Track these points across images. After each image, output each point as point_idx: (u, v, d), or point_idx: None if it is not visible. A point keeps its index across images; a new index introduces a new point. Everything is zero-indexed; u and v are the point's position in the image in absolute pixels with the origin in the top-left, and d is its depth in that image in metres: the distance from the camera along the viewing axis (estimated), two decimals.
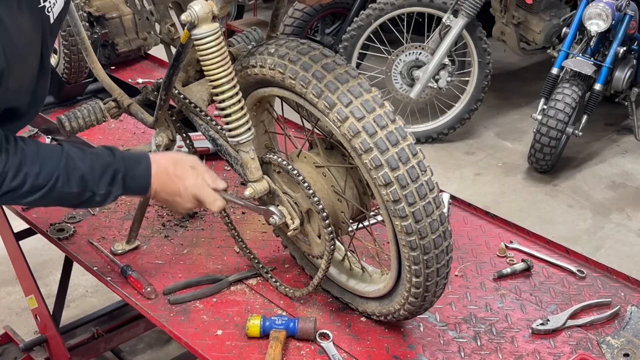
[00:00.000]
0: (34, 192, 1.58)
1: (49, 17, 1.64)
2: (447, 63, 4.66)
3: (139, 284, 1.91)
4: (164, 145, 1.97)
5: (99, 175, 1.63)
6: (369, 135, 1.51)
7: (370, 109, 1.53)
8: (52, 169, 1.58)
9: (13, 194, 1.57)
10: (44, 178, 1.57)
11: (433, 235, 1.55)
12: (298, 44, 1.63)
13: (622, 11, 4.42)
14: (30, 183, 1.56)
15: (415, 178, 1.52)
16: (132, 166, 1.68)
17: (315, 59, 1.58)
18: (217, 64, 1.59)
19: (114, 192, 1.66)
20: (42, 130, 2.56)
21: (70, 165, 1.60)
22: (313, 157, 1.75)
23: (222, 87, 1.62)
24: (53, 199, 1.63)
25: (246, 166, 1.72)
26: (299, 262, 2.00)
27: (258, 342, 1.74)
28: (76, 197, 1.63)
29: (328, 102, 1.53)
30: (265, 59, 1.64)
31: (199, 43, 1.57)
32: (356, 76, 1.57)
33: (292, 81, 1.58)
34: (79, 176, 1.61)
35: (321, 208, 1.69)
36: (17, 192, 1.57)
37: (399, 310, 1.71)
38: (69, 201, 1.66)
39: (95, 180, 1.63)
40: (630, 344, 1.78)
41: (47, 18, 1.64)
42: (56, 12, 1.67)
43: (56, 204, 1.70)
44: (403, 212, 1.52)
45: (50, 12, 1.65)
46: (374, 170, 1.51)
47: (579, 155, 4.88)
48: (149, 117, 2.00)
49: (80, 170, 1.61)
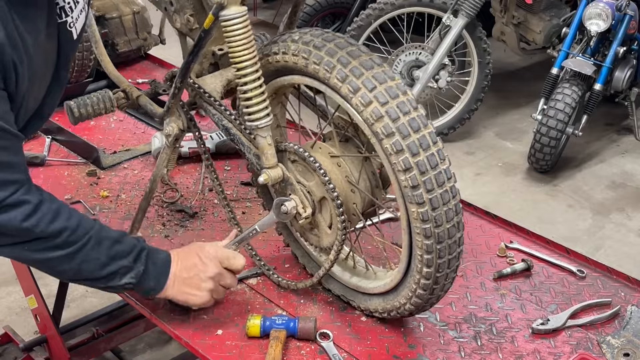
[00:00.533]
0: (65, 246, 1.54)
1: (71, 32, 1.64)
2: (447, 63, 4.66)
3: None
4: (174, 135, 1.96)
5: (125, 252, 1.62)
6: (391, 120, 1.52)
7: (394, 95, 1.54)
8: (87, 228, 1.57)
9: (45, 242, 1.52)
10: (78, 236, 1.55)
11: (448, 225, 1.57)
12: (322, 32, 1.65)
13: (622, 11, 4.42)
14: (66, 235, 1.53)
15: (434, 165, 1.54)
16: (154, 251, 1.70)
17: (341, 45, 1.60)
18: (244, 46, 1.62)
19: (135, 274, 1.64)
20: (42, 130, 2.56)
21: (102, 233, 1.59)
22: (328, 147, 1.76)
23: (246, 69, 1.65)
24: (75, 262, 1.58)
25: (262, 152, 1.73)
26: (300, 261, 2.00)
27: (258, 341, 1.74)
28: (101, 267, 1.60)
29: (352, 87, 1.55)
30: (288, 45, 1.66)
31: (227, 24, 1.60)
32: (381, 64, 1.59)
33: (317, 66, 1.60)
34: (108, 245, 1.59)
35: (336, 195, 1.70)
36: (49, 242, 1.53)
37: (404, 304, 1.71)
38: (92, 271, 1.60)
39: (122, 254, 1.62)
40: (630, 343, 1.78)
41: (70, 33, 1.64)
42: (79, 27, 1.67)
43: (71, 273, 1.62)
44: (421, 198, 1.53)
45: (73, 28, 1.64)
46: (394, 155, 1.52)
47: (579, 155, 4.88)
48: (159, 109, 2.00)
49: (109, 239, 1.60)
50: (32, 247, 1.53)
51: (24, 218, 1.48)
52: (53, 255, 1.55)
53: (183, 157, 2.48)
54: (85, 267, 1.59)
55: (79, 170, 2.41)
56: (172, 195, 2.31)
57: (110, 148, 2.55)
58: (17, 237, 1.51)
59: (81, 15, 1.68)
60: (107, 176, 2.41)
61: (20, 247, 1.53)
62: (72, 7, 1.63)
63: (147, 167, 2.45)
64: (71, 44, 1.67)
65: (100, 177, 2.40)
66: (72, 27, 1.64)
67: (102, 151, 2.50)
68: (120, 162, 2.48)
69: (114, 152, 2.53)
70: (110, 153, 2.52)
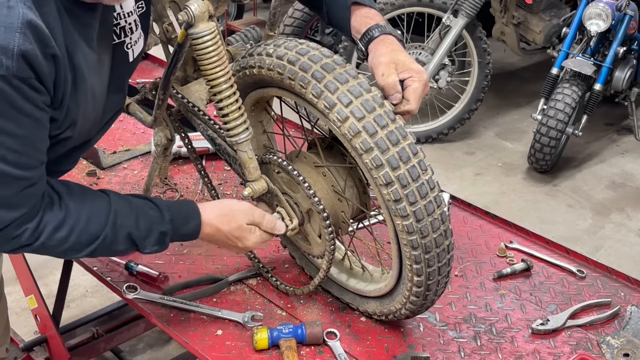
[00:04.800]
0: (78, 249, 1.54)
1: (127, 53, 1.63)
2: (447, 63, 4.66)
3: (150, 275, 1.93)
4: (162, 144, 1.96)
5: (145, 235, 1.59)
6: (369, 135, 1.50)
7: (371, 109, 1.52)
8: (100, 228, 1.53)
9: (55, 249, 1.51)
10: (90, 237, 1.53)
11: (434, 234, 1.55)
12: (297, 44, 1.62)
13: (622, 11, 4.42)
14: (73, 239, 1.51)
15: (416, 177, 1.52)
16: (180, 226, 1.63)
17: (314, 59, 1.57)
18: (214, 63, 1.58)
19: (160, 249, 1.63)
20: None
21: (118, 223, 1.55)
22: (313, 157, 1.75)
23: (220, 86, 1.61)
24: (98, 255, 1.59)
25: (244, 166, 1.72)
26: (298, 262, 2.00)
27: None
28: (121, 253, 1.62)
29: (328, 102, 1.53)
30: (263, 59, 1.64)
31: (195, 42, 1.56)
32: (356, 76, 1.56)
33: (291, 82, 1.58)
34: (126, 234, 1.57)
35: (322, 208, 1.69)
36: (59, 248, 1.51)
37: (400, 309, 1.71)
38: (114, 254, 1.68)
39: (141, 240, 1.59)
40: (630, 343, 1.78)
41: (126, 55, 1.62)
42: (136, 51, 1.66)
43: (91, 257, 1.65)
44: (404, 211, 1.52)
45: (130, 49, 1.63)
46: (374, 169, 1.51)
47: (579, 155, 4.88)
48: (148, 117, 1.99)
49: (127, 228, 1.57)
50: (45, 253, 1.55)
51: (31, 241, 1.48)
52: (70, 255, 1.58)
53: (183, 157, 2.48)
54: (104, 254, 1.66)
55: (78, 171, 2.41)
56: (172, 195, 2.31)
57: (110, 148, 2.55)
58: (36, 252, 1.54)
59: (140, 40, 1.67)
60: (107, 176, 2.41)
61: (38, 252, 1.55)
62: (132, 29, 1.62)
63: (147, 167, 2.45)
64: (126, 66, 1.65)
65: (100, 177, 2.40)
66: (129, 49, 1.63)
67: (102, 151, 2.50)
68: (120, 162, 2.48)
69: (113, 152, 2.53)
70: (110, 153, 2.52)
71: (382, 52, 1.64)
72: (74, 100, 1.44)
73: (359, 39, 1.70)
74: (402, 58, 1.63)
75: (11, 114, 1.32)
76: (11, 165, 1.37)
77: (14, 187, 1.40)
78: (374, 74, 1.64)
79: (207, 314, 1.82)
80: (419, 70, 1.62)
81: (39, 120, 1.38)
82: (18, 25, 1.28)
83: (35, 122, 1.37)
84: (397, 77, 1.60)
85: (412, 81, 1.61)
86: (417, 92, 1.61)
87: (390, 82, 1.59)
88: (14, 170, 1.38)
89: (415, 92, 1.60)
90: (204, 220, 1.65)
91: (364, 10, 1.72)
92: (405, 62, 1.62)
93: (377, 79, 1.62)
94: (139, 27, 1.66)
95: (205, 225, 1.65)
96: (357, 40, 1.71)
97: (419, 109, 1.65)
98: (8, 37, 1.27)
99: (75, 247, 1.52)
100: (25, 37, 1.28)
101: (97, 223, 1.53)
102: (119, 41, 1.59)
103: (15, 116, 1.33)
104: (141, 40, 1.68)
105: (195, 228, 1.65)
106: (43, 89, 1.35)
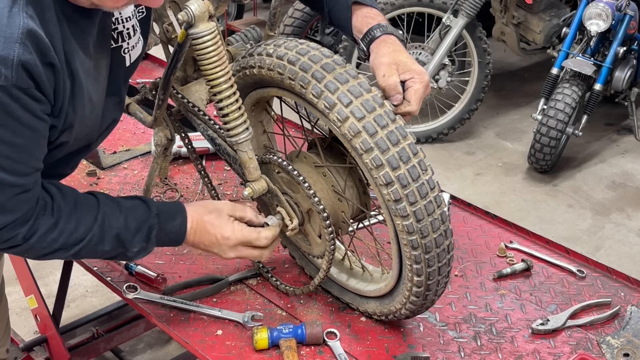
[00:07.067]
0: (66, 249, 1.54)
1: (124, 58, 1.63)
2: (447, 63, 4.66)
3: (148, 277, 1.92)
4: (163, 144, 1.96)
5: (133, 234, 1.59)
6: (369, 135, 1.50)
7: (371, 109, 1.52)
8: (87, 229, 1.54)
9: (44, 250, 1.52)
10: (77, 238, 1.53)
11: (434, 234, 1.55)
12: (297, 44, 1.62)
13: (622, 11, 4.42)
14: (62, 241, 1.52)
15: (416, 177, 1.52)
16: (166, 221, 1.64)
17: (314, 59, 1.58)
18: (214, 63, 1.58)
19: (147, 248, 1.63)
20: None
21: (106, 223, 1.56)
22: (313, 157, 1.75)
23: (220, 86, 1.61)
24: (82, 256, 1.60)
25: (244, 166, 1.72)
26: (298, 262, 2.00)
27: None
28: (107, 253, 1.61)
29: (328, 103, 1.53)
30: (264, 59, 1.64)
31: (195, 42, 1.56)
32: (356, 76, 1.57)
33: (292, 82, 1.58)
34: (114, 235, 1.57)
35: (322, 208, 1.69)
36: (47, 249, 1.52)
37: (400, 309, 1.71)
38: (99, 256, 1.64)
39: (129, 238, 1.59)
40: (630, 343, 1.78)
41: (123, 59, 1.63)
42: (134, 56, 1.66)
43: (77, 257, 1.67)
44: (404, 211, 1.52)
45: (127, 54, 1.63)
46: (374, 169, 1.51)
47: (579, 155, 4.88)
48: (148, 117, 1.99)
49: (115, 229, 1.57)
50: (31, 254, 1.57)
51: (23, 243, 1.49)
52: (55, 256, 1.57)
53: (183, 157, 2.48)
54: (95, 256, 1.64)
55: (78, 171, 2.40)
56: (172, 195, 2.31)
57: (110, 148, 2.55)
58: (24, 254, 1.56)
59: (138, 44, 1.67)
60: (107, 176, 2.41)
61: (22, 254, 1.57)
62: (130, 34, 1.62)
63: (147, 167, 2.45)
64: (123, 70, 1.65)
65: (100, 177, 2.40)
66: (126, 54, 1.63)
67: (102, 151, 2.50)
68: (120, 162, 2.48)
69: (113, 152, 2.53)
70: (110, 153, 2.52)
71: (383, 52, 1.64)
72: (71, 106, 1.44)
73: (361, 38, 1.70)
74: (404, 59, 1.63)
75: (9, 123, 1.33)
76: (6, 172, 1.38)
77: (8, 192, 1.41)
78: (375, 74, 1.64)
79: (207, 314, 1.82)
80: (420, 72, 1.62)
81: (37, 129, 1.39)
82: (18, 35, 1.28)
83: (33, 131, 1.38)
84: (398, 78, 1.60)
85: (413, 82, 1.61)
86: (418, 94, 1.61)
87: (391, 83, 1.59)
88: (9, 177, 1.39)
89: (416, 94, 1.60)
90: (190, 213, 1.67)
91: (365, 10, 1.72)
92: (406, 63, 1.62)
93: (378, 80, 1.62)
94: (138, 32, 1.66)
95: (191, 219, 1.66)
96: (359, 40, 1.71)
97: (419, 109, 1.65)
98: (8, 47, 1.27)
99: (63, 247, 1.53)
100: (24, 47, 1.29)
101: (84, 225, 1.54)
102: (116, 46, 1.59)
103: (13, 125, 1.33)
104: (140, 44, 1.68)
105: (182, 223, 1.66)
106: (43, 98, 1.35)
